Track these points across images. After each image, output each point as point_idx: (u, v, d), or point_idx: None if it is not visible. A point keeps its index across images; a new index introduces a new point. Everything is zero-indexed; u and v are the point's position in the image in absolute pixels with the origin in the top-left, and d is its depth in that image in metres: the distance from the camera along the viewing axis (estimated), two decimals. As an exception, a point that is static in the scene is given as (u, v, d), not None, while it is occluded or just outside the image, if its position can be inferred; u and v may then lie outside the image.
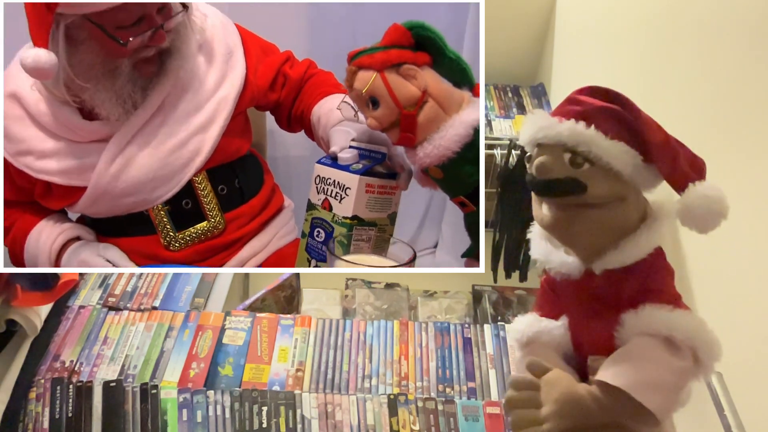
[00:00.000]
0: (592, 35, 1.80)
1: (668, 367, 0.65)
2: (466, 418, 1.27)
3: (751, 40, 1.06)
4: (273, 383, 1.30)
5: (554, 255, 0.76)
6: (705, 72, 1.20)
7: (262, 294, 1.64)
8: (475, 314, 1.78)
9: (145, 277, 1.52)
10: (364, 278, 1.83)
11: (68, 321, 1.38)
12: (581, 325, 0.76)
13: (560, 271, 0.75)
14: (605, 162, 0.66)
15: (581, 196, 0.67)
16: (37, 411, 1.21)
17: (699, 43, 1.23)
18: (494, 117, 2.04)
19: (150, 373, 1.30)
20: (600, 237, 0.70)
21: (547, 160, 0.68)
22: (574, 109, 0.69)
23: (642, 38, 1.47)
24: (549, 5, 2.13)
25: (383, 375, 1.34)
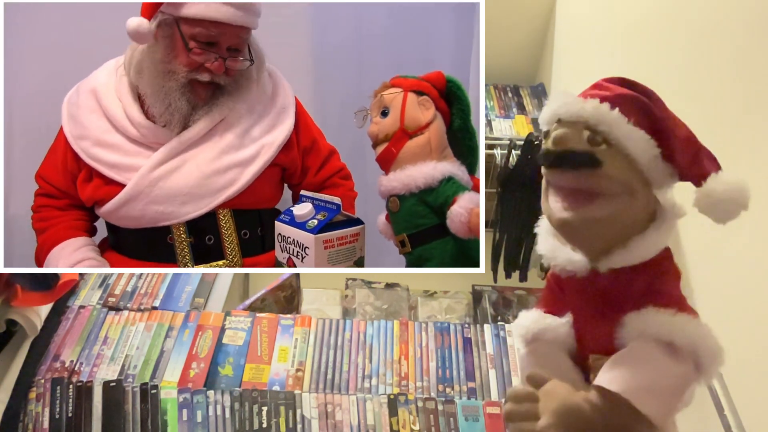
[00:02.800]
0: (592, 35, 1.80)
1: (667, 372, 0.64)
2: (466, 418, 1.27)
3: (751, 40, 1.06)
4: (273, 383, 1.31)
5: (561, 251, 0.75)
6: (705, 72, 1.20)
7: (262, 294, 1.64)
8: (475, 314, 1.77)
9: (145, 277, 1.52)
10: (364, 278, 1.83)
11: (68, 321, 1.38)
12: (585, 323, 0.75)
13: (566, 268, 0.74)
14: (623, 146, 0.66)
15: (594, 171, 0.66)
16: (37, 411, 1.21)
17: (698, 43, 1.23)
18: (494, 117, 2.04)
19: (150, 373, 1.30)
20: (607, 234, 0.69)
21: (566, 132, 0.67)
22: (600, 93, 0.69)
23: (642, 38, 1.47)
24: (549, 5, 2.13)
25: (383, 375, 1.34)
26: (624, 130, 0.66)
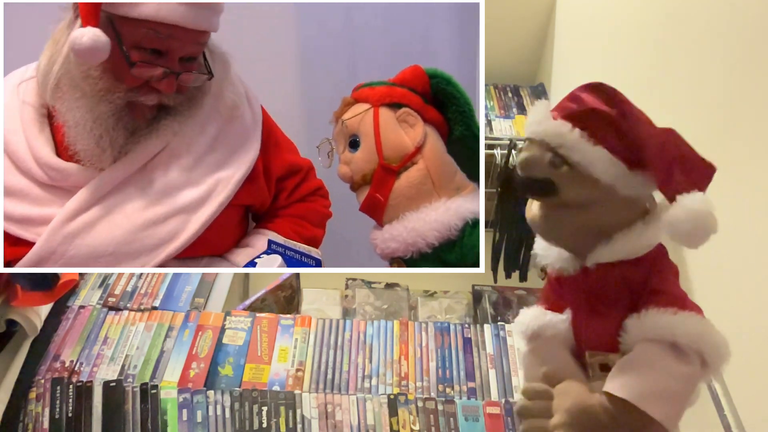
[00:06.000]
0: (592, 35, 1.80)
1: (674, 374, 0.64)
2: (466, 418, 1.27)
3: (751, 39, 1.05)
4: (273, 383, 1.30)
5: (552, 250, 0.76)
6: (705, 72, 1.20)
7: (262, 294, 1.64)
8: (475, 314, 1.77)
9: (145, 277, 1.52)
10: (364, 278, 1.83)
11: (68, 321, 1.38)
12: (581, 320, 0.76)
13: (557, 266, 0.76)
14: (583, 167, 0.67)
15: (552, 198, 0.68)
16: (37, 411, 1.21)
17: (699, 43, 1.23)
18: (494, 117, 2.04)
19: (150, 373, 1.30)
20: (577, 237, 0.71)
21: (530, 156, 0.69)
22: (570, 107, 0.69)
23: (642, 38, 1.47)
24: (549, 5, 2.13)
25: (383, 375, 1.34)
26: (584, 151, 0.66)
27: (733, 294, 1.07)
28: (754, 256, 1.03)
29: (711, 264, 1.15)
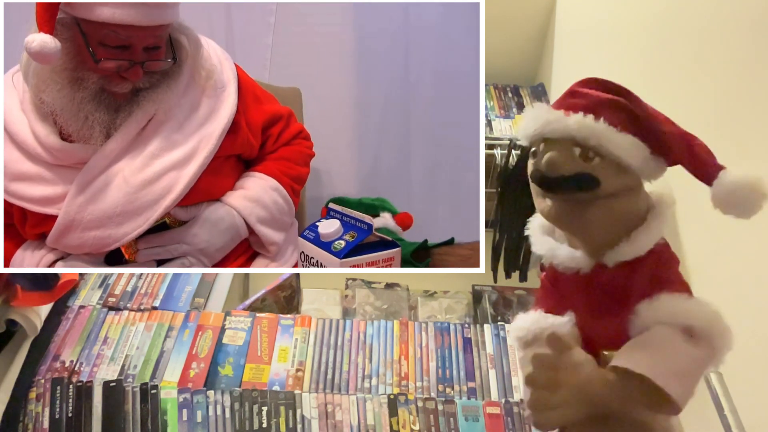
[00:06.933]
0: (592, 35, 1.80)
1: (688, 355, 0.64)
2: (466, 418, 1.27)
3: (751, 39, 1.06)
4: (273, 383, 1.30)
5: (561, 250, 0.74)
6: (705, 72, 1.20)
7: (262, 294, 1.64)
8: (475, 314, 1.77)
9: (145, 277, 1.52)
10: (364, 278, 1.83)
11: (68, 321, 1.38)
12: (591, 320, 0.74)
13: (569, 266, 0.73)
14: (616, 156, 0.66)
15: (594, 192, 0.66)
16: (37, 411, 1.21)
17: (698, 43, 1.23)
18: (494, 117, 2.04)
19: (150, 373, 1.30)
20: (611, 227, 0.69)
21: (557, 155, 0.66)
22: (579, 102, 0.68)
23: (642, 38, 1.47)
24: (549, 5, 2.13)
25: (383, 375, 1.34)
26: (614, 139, 0.66)
27: (733, 293, 1.07)
28: (753, 255, 1.03)
29: (711, 263, 1.15)
